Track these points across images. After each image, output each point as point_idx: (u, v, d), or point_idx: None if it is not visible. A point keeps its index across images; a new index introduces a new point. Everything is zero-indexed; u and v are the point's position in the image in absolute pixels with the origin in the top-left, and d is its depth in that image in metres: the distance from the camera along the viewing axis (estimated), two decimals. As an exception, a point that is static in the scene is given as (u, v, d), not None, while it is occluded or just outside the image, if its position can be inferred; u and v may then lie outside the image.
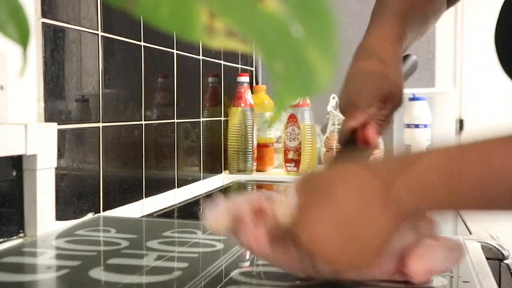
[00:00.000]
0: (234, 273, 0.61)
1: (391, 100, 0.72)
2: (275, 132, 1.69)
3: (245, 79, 1.53)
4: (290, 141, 1.51)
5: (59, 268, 0.64)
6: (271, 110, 1.65)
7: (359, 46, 0.74)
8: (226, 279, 0.59)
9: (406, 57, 0.81)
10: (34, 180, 0.79)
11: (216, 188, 1.43)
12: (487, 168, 0.46)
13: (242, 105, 1.51)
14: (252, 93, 1.59)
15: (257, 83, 1.86)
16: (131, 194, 1.07)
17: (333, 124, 1.51)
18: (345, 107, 0.73)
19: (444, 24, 1.92)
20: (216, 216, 0.53)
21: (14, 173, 0.78)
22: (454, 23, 1.95)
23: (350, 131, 0.71)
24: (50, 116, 0.85)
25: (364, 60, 0.73)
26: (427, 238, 0.58)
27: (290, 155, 1.51)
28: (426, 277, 0.56)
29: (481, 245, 0.78)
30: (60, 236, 0.79)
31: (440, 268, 0.57)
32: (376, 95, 0.71)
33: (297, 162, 1.50)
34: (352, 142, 0.71)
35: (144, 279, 0.60)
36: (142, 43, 1.11)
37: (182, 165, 1.29)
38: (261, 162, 1.60)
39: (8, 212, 0.78)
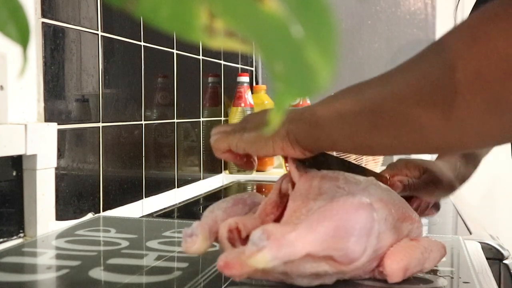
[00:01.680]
0: (234, 273, 0.61)
1: (428, 177, 0.75)
2: (275, 132, 1.68)
3: (245, 79, 1.53)
4: (290, 141, 1.51)
5: (59, 268, 0.64)
6: (271, 110, 1.64)
7: None
8: (226, 279, 0.59)
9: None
10: (34, 180, 0.79)
11: (216, 188, 1.43)
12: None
13: (242, 105, 1.51)
14: (252, 93, 1.59)
15: (257, 83, 1.86)
16: (131, 194, 1.07)
17: (333, 124, 1.51)
18: (388, 167, 0.78)
19: (445, 22, 1.92)
20: (193, 241, 0.56)
21: (14, 173, 0.78)
22: (454, 22, 1.95)
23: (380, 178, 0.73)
24: (50, 116, 0.85)
25: None
26: (406, 238, 0.57)
27: (290, 155, 1.51)
28: (401, 276, 0.55)
29: (481, 245, 0.78)
30: (60, 236, 0.79)
31: (417, 268, 0.56)
32: (417, 164, 0.76)
33: (297, 162, 1.50)
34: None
35: (144, 279, 0.60)
36: (142, 43, 1.11)
37: (182, 165, 1.29)
38: (261, 162, 1.60)
39: (8, 212, 0.78)
